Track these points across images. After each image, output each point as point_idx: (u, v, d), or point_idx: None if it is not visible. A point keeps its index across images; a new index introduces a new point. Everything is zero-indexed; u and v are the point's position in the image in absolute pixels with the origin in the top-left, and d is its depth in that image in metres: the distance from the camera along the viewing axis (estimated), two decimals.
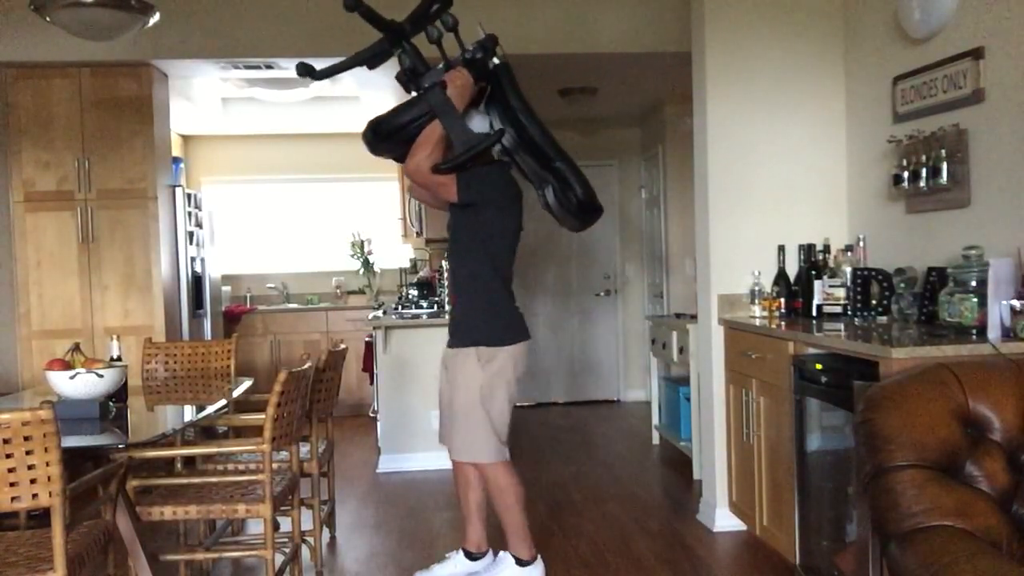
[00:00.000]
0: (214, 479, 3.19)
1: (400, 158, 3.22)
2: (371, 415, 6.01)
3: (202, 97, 6.51)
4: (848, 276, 3.61)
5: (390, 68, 3.28)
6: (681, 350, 5.06)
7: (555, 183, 3.16)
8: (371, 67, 3.22)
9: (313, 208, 8.07)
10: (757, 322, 3.70)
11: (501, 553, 3.33)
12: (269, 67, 5.30)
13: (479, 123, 3.20)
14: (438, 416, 3.45)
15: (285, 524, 3.65)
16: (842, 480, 2.93)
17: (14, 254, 5.23)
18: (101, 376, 3.07)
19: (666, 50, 5.05)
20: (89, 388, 3.06)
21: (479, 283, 3.22)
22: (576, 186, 3.13)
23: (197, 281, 6.04)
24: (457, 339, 3.27)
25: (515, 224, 3.25)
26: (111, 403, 3.19)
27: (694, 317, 4.55)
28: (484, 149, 3.06)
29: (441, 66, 3.15)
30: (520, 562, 3.26)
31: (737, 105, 3.98)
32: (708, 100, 3.98)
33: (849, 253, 3.75)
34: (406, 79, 3.21)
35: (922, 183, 3.26)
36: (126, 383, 3.36)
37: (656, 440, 5.88)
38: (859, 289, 3.51)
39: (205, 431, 3.92)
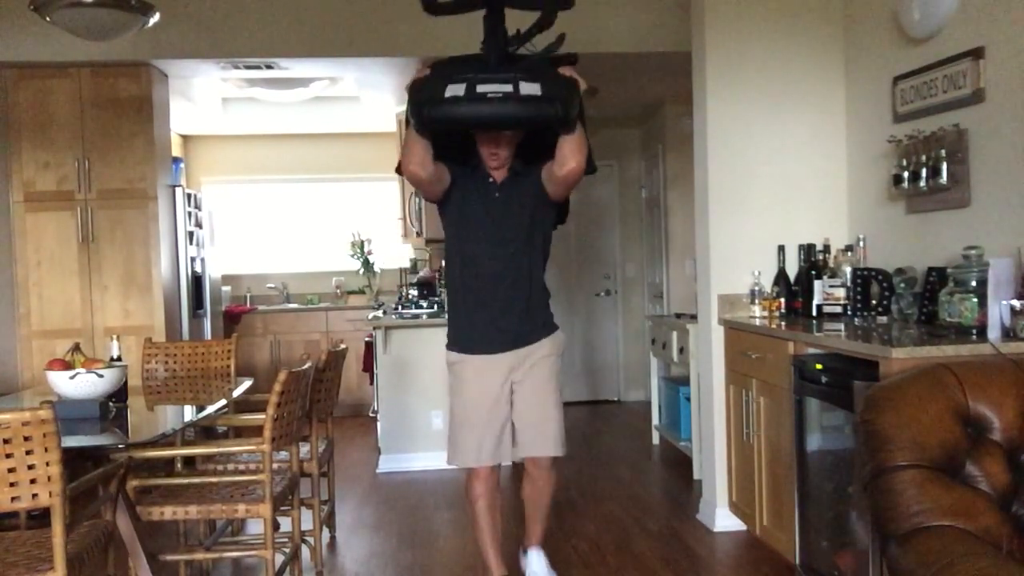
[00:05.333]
0: (214, 479, 3.19)
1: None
2: (371, 415, 6.01)
3: (202, 97, 6.51)
4: (848, 276, 3.61)
5: (390, 72, 3.22)
6: (681, 350, 5.06)
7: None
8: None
9: (313, 208, 8.07)
10: (757, 322, 3.70)
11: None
12: (269, 67, 5.30)
13: None
14: (471, 429, 3.07)
15: (285, 524, 3.64)
16: (842, 480, 2.92)
17: (14, 254, 5.23)
18: (101, 376, 3.07)
19: (666, 50, 5.05)
20: (89, 388, 3.06)
21: (543, 277, 3.27)
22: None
23: (197, 281, 6.03)
24: (542, 329, 3.16)
25: None
26: (111, 403, 3.19)
27: (694, 317, 4.55)
28: None
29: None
30: None
31: (737, 105, 3.98)
32: (708, 100, 3.98)
33: (849, 253, 3.75)
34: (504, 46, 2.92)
35: (922, 183, 3.26)
36: (126, 383, 3.36)
37: (656, 440, 5.88)
38: (859, 289, 3.51)
39: (205, 431, 3.92)
